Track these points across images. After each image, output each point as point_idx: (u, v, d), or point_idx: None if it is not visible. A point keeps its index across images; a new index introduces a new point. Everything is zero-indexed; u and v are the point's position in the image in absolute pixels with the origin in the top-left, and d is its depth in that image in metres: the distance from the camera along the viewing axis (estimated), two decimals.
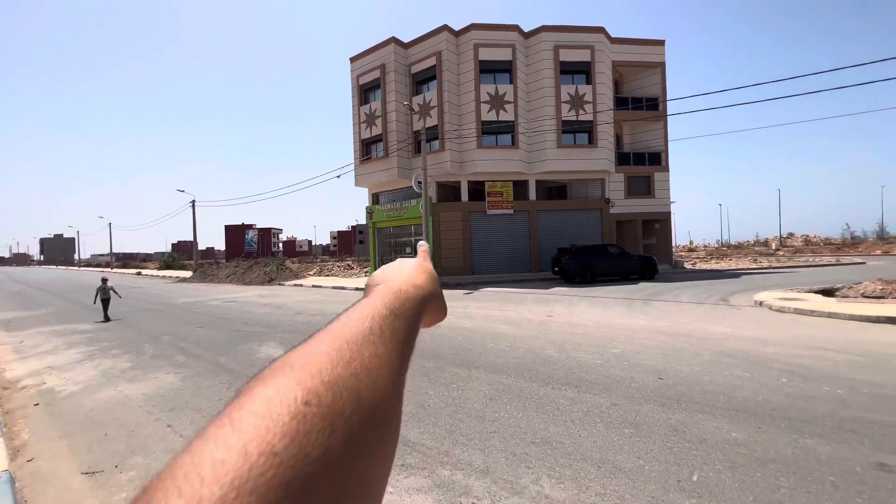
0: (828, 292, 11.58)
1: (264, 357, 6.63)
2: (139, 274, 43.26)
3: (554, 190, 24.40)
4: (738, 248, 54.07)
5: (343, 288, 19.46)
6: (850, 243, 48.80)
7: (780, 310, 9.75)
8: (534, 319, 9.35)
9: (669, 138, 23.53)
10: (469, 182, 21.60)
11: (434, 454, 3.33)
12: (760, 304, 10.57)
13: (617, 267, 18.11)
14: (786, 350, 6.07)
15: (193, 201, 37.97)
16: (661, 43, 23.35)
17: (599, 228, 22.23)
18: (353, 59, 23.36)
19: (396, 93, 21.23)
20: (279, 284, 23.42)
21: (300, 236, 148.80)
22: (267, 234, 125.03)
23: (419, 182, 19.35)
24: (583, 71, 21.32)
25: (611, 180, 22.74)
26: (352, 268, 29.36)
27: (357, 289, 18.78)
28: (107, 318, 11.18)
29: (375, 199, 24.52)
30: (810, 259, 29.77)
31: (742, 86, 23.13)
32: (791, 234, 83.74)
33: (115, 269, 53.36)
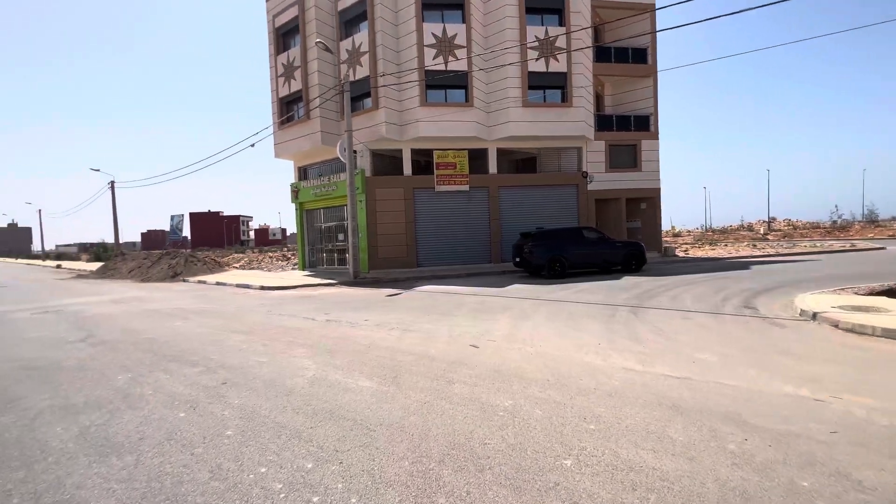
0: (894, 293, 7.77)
1: None
2: (58, 267, 37.78)
3: (520, 162, 20.17)
4: (725, 234, 51.15)
5: (248, 286, 15.08)
6: (840, 227, 46.15)
7: (853, 329, 5.85)
8: (441, 357, 5.21)
9: (659, 99, 19.48)
10: (413, 151, 17.19)
11: None
12: (813, 316, 6.64)
13: (595, 256, 14.14)
14: None
15: (112, 182, 32.59)
16: None
17: (575, 208, 18.20)
18: None
19: (318, 35, 16.52)
20: (183, 280, 18.89)
21: (277, 224, 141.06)
22: (235, 222, 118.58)
23: (344, 149, 14.90)
24: (555, 9, 16.96)
25: (589, 149, 18.63)
26: (287, 259, 24.81)
27: (262, 287, 14.43)
28: None
29: (303, 173, 19.91)
30: (818, 244, 26.38)
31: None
32: (773, 219, 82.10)
33: (19, 260, 47.28)
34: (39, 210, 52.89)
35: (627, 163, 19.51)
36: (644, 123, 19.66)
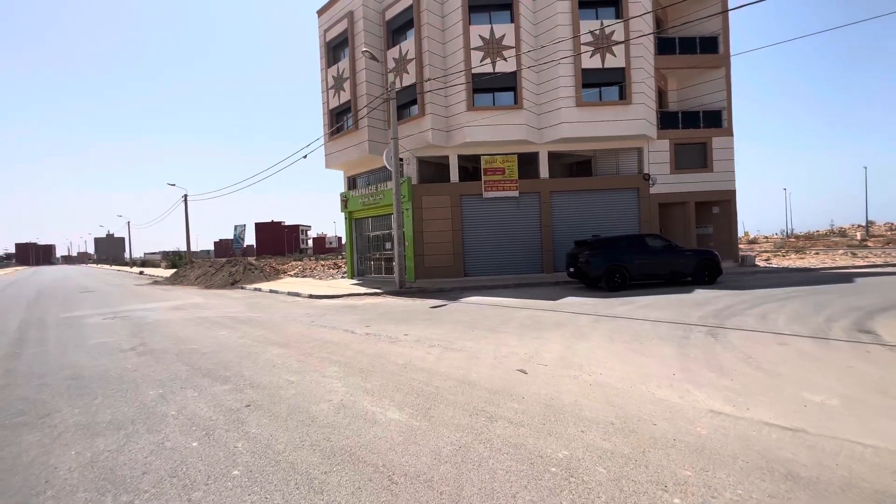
0: None
1: None
2: (140, 273, 41.61)
3: (574, 166, 19.02)
4: (811, 240, 45.59)
5: (297, 294, 15.34)
6: None
7: None
8: (482, 385, 4.58)
9: (733, 91, 17.53)
10: (460, 157, 16.74)
11: None
12: None
13: (660, 266, 12.77)
14: None
15: (186, 195, 35.40)
16: None
17: (636, 214, 16.75)
18: (319, 12, 18.99)
19: (367, 46, 16.66)
20: (241, 287, 19.74)
21: (332, 233, 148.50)
22: (295, 232, 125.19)
23: (390, 157, 14.77)
24: (611, 1, 15.84)
25: (651, 149, 17.13)
26: (338, 267, 25.32)
27: (311, 296, 14.57)
28: None
29: (352, 182, 20.15)
30: None
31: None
32: (872, 223, 72.28)
33: (113, 267, 52.67)
34: (128, 222, 59.00)
35: (696, 163, 17.71)
36: (715, 119, 17.78)
